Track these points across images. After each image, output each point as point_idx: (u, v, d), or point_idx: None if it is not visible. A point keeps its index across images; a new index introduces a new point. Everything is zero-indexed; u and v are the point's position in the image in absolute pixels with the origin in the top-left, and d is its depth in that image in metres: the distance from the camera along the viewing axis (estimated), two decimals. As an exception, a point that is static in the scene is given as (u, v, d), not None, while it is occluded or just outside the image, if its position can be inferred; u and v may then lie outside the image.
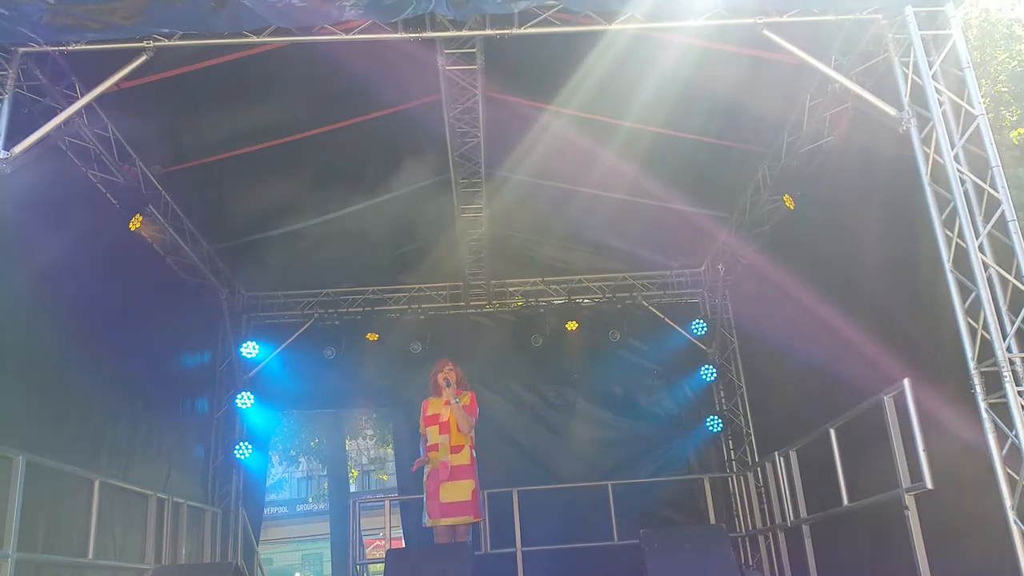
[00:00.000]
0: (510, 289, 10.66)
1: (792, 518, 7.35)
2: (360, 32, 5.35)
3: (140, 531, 7.23)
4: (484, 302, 10.62)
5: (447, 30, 5.47)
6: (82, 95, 5.61)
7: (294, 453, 22.45)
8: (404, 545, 10.28)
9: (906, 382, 5.01)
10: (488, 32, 5.45)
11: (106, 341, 7.00)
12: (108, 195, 6.90)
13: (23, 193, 5.21)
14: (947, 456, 4.93)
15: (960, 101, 4.99)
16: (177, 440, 8.57)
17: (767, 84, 6.42)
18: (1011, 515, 4.33)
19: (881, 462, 5.37)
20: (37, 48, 5.12)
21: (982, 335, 4.62)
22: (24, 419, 5.64)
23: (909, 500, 5.15)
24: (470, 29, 5.47)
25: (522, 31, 5.38)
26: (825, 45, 5.69)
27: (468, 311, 10.66)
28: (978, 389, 4.57)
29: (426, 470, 6.70)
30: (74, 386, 6.52)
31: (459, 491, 6.52)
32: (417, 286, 10.46)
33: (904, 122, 5.15)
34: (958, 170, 4.88)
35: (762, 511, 8.84)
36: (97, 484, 6.31)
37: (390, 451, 22.62)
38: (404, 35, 5.37)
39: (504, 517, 8.63)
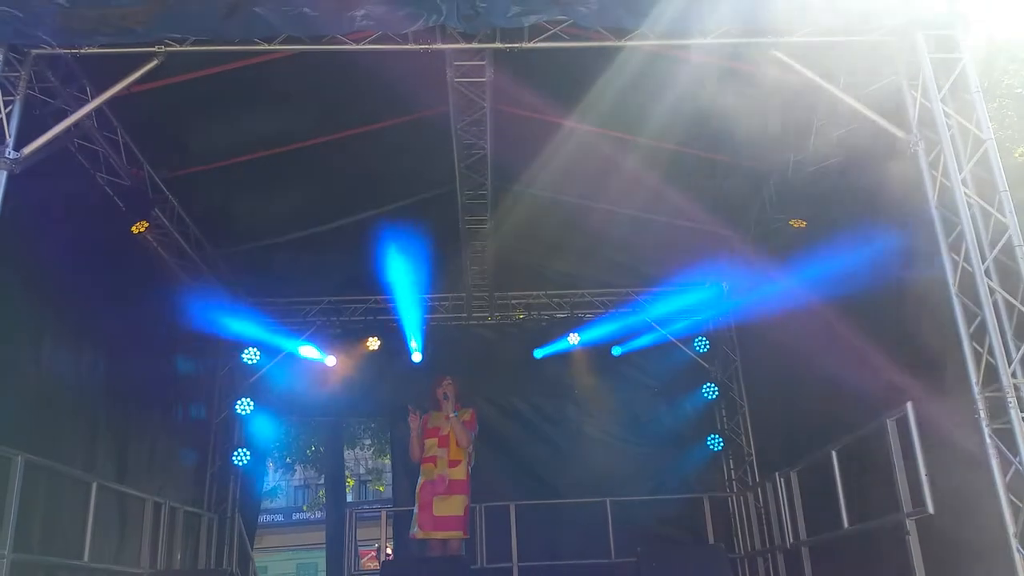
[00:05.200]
0: (513, 302, 10.65)
1: (792, 540, 7.31)
2: (370, 42, 5.36)
3: (136, 535, 7.20)
4: (487, 314, 10.62)
5: (457, 42, 5.48)
6: (93, 98, 5.62)
7: (290, 460, 22.39)
8: (393, 557, 10.22)
9: (909, 405, 5.00)
10: (498, 45, 5.45)
11: (107, 344, 7.01)
12: (115, 198, 6.91)
13: (31, 194, 5.21)
14: (950, 481, 4.90)
15: (969, 125, 4.99)
16: (175, 445, 8.56)
17: (775, 103, 6.43)
18: (1014, 542, 4.29)
19: (883, 485, 5.35)
20: (49, 50, 5.13)
21: (987, 360, 4.60)
22: (22, 421, 5.63)
23: (910, 525, 5.12)
24: (480, 42, 5.47)
25: (531, 45, 5.39)
26: (834, 66, 5.70)
27: (471, 323, 10.66)
28: (982, 414, 4.53)
29: (420, 481, 6.70)
30: (73, 388, 6.51)
31: (453, 506, 6.52)
32: (420, 296, 10.44)
33: (912, 145, 5.15)
34: (965, 194, 4.87)
35: (761, 532, 8.79)
36: (95, 487, 6.29)
37: (387, 461, 22.57)
38: (414, 47, 5.38)
39: (501, 531, 8.60)
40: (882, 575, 5.97)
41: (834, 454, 6.11)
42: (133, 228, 7.11)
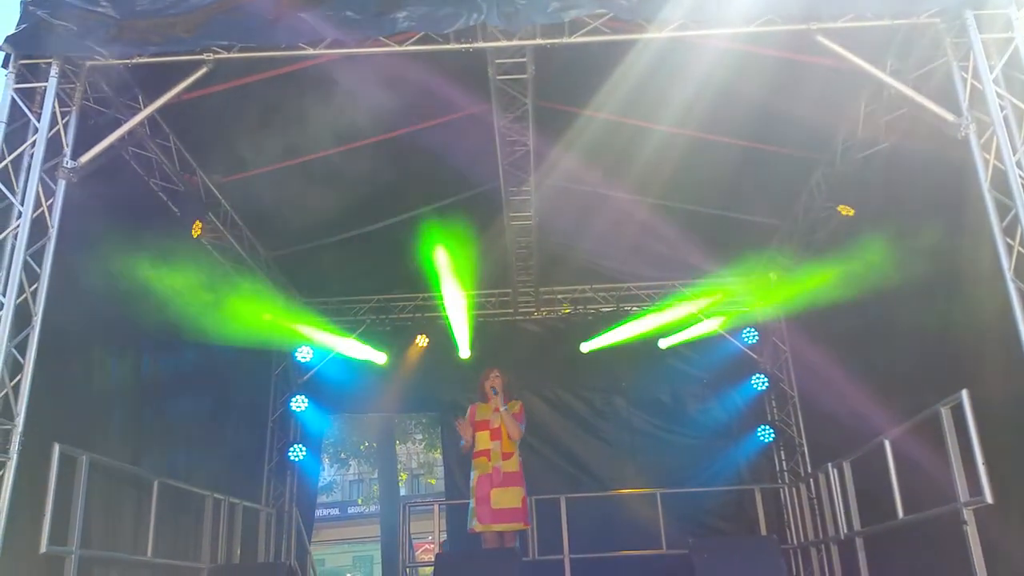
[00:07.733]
0: (558, 296, 10.68)
1: (846, 531, 7.22)
2: (412, 44, 5.42)
3: (196, 530, 7.41)
4: (533, 309, 10.66)
5: (498, 40, 5.51)
6: (145, 107, 5.80)
7: (345, 456, 22.79)
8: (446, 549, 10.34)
9: (964, 393, 4.90)
10: (539, 42, 5.46)
11: (166, 345, 7.22)
12: (169, 203, 7.10)
13: (89, 201, 5.40)
14: (1007, 469, 4.80)
15: (1022, 106, 4.86)
16: (234, 442, 8.79)
17: (820, 89, 6.33)
18: (1075, 532, 4.21)
19: (938, 474, 5.25)
20: (103, 62, 5.30)
21: (1045, 346, 4.49)
22: (86, 421, 5.84)
23: (968, 514, 5.02)
24: (520, 39, 5.50)
25: (572, 40, 5.39)
26: (880, 50, 5.60)
27: (517, 318, 10.72)
28: (1041, 401, 4.45)
29: (474, 475, 6.75)
30: (135, 389, 6.73)
31: (510, 498, 6.57)
32: (467, 293, 10.53)
33: (963, 128, 5.03)
34: (1020, 176, 4.74)
35: (814, 523, 8.69)
36: (156, 484, 6.50)
37: (438, 455, 22.80)
38: (455, 46, 5.42)
39: (552, 524, 8.64)
40: (939, 566, 5.87)
41: (887, 443, 6.02)
42: (192, 232, 7.29)
